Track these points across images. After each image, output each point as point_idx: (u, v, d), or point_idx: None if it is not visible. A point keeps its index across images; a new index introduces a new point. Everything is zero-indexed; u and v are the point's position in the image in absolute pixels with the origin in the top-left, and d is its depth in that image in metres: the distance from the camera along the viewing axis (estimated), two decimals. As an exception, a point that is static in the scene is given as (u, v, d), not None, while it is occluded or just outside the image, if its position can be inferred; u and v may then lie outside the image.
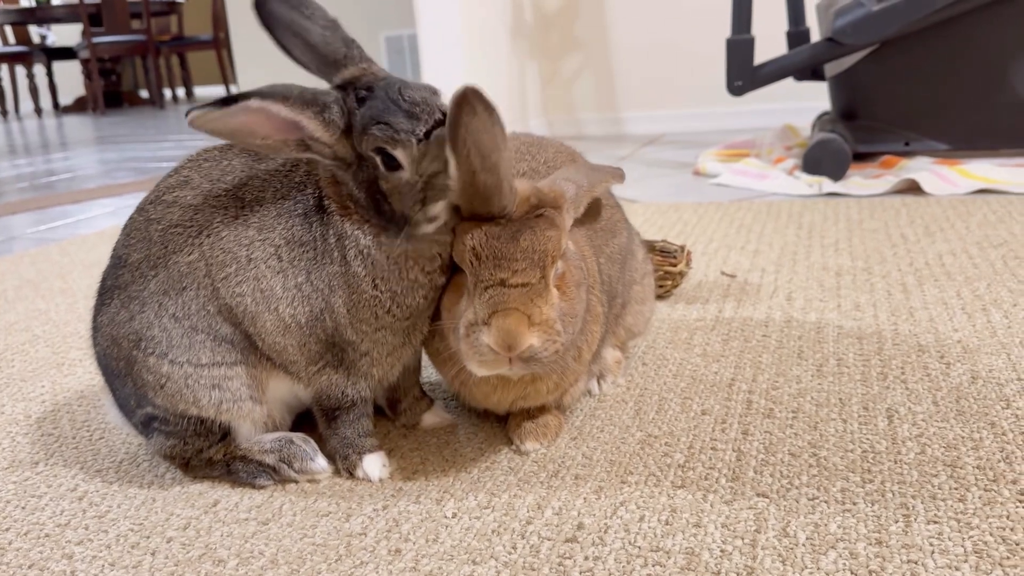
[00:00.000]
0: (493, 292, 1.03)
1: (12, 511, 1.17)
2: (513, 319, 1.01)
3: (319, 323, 1.15)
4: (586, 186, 1.21)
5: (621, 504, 1.09)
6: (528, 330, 1.02)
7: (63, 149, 6.35)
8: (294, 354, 1.17)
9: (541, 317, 1.04)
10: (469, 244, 1.05)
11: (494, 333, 1.02)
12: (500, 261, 1.04)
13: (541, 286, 1.04)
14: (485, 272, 1.04)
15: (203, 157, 1.23)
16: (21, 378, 1.66)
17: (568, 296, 1.10)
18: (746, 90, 3.30)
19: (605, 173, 1.27)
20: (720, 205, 2.80)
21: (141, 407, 1.20)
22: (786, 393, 1.37)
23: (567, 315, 1.08)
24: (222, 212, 1.16)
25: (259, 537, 1.07)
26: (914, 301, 1.75)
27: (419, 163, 1.05)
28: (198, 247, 1.15)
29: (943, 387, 1.35)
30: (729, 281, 1.97)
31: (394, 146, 1.04)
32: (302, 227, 1.14)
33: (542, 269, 1.04)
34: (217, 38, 10.34)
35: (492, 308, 1.02)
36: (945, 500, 1.05)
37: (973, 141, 3.06)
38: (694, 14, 4.63)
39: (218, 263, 1.14)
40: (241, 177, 1.18)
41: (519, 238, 1.04)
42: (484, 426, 1.34)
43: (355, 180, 1.10)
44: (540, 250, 1.04)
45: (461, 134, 0.97)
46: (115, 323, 1.18)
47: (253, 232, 1.14)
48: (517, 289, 1.03)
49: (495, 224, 1.06)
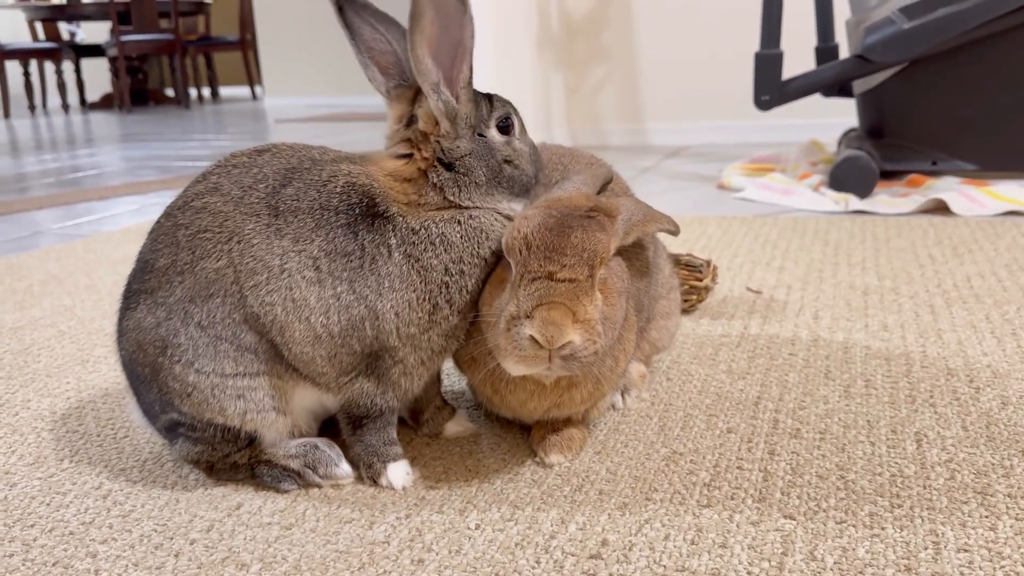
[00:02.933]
0: (539, 285, 1.04)
1: (37, 507, 1.18)
2: (558, 312, 1.01)
3: (356, 332, 1.14)
4: (640, 220, 1.21)
5: (646, 521, 1.08)
6: (572, 326, 1.02)
7: (89, 145, 6.41)
8: (323, 365, 1.16)
9: (585, 315, 1.04)
10: (522, 232, 1.07)
11: (538, 325, 1.01)
12: (551, 253, 1.05)
13: (587, 284, 1.05)
14: (534, 262, 1.05)
15: (232, 163, 1.22)
16: (47, 374, 1.67)
17: (610, 302, 1.10)
18: (773, 105, 3.28)
19: (661, 218, 1.27)
20: (744, 219, 2.79)
21: (166, 412, 1.20)
22: (813, 413, 1.36)
23: (608, 320, 1.09)
24: (254, 220, 1.16)
25: (282, 542, 1.07)
26: (942, 323, 1.73)
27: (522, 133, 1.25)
28: (227, 253, 1.14)
29: (973, 412, 1.34)
30: (755, 297, 1.96)
31: (514, 113, 1.23)
32: (345, 237, 1.14)
33: (590, 268, 1.05)
34: (244, 39, 10.42)
35: (537, 301, 1.02)
36: (976, 528, 1.03)
37: (1002, 162, 3.03)
38: (720, 27, 4.62)
39: (248, 270, 1.13)
40: (274, 185, 1.18)
41: (570, 234, 1.06)
42: (507, 436, 1.33)
43: (471, 156, 1.19)
44: (590, 249, 1.05)
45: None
46: (141, 328, 1.17)
47: (287, 243, 1.14)
48: (564, 284, 1.03)
49: (550, 216, 1.07)
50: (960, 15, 2.83)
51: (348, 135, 6.39)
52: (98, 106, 10.68)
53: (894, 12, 2.93)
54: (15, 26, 10.90)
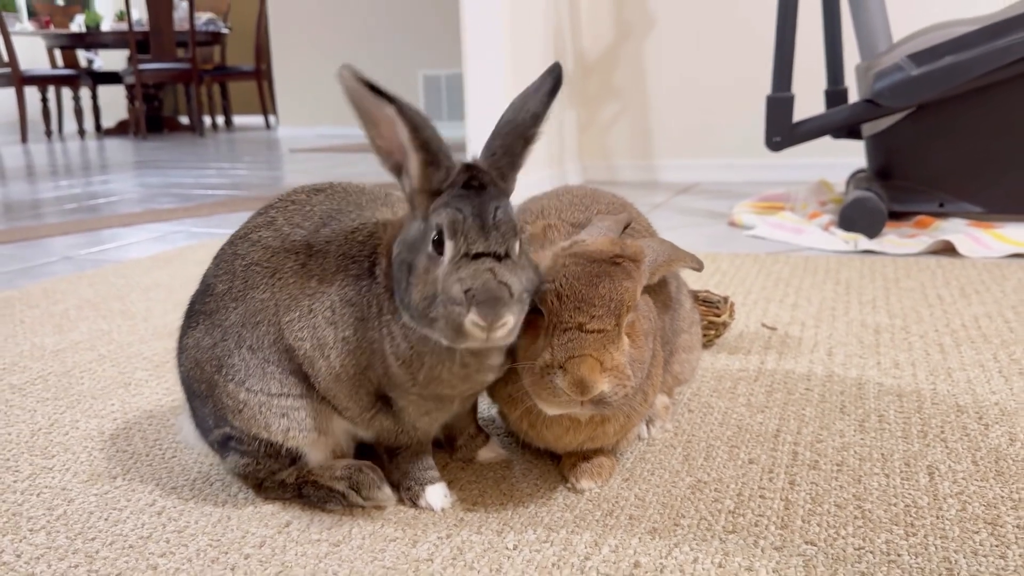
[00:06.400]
0: (570, 336, 1.11)
1: (96, 522, 1.24)
2: (587, 366, 1.09)
3: (365, 376, 1.20)
4: (664, 259, 1.29)
5: (675, 545, 1.14)
6: (600, 376, 1.09)
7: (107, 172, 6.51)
8: (346, 401, 1.23)
9: (612, 363, 1.11)
10: (553, 285, 1.13)
11: (569, 378, 1.09)
12: (580, 304, 1.12)
13: (615, 333, 1.12)
14: (565, 314, 1.12)
15: (291, 199, 1.31)
16: (91, 395, 1.74)
17: (637, 344, 1.17)
18: (784, 146, 3.38)
19: (686, 256, 1.34)
20: (757, 257, 2.86)
21: (219, 427, 1.27)
22: (830, 446, 1.42)
23: (636, 361, 1.16)
24: (293, 258, 1.24)
25: (332, 558, 1.13)
26: (951, 362, 1.80)
27: (461, 266, 1.03)
28: (270, 288, 1.23)
29: (982, 447, 1.40)
30: (770, 333, 2.03)
31: (452, 234, 1.04)
32: (354, 288, 1.19)
33: (617, 317, 1.12)
34: (259, 69, 10.60)
35: (569, 353, 1.10)
36: (987, 556, 1.10)
37: (1007, 205, 3.12)
38: (732, 67, 4.74)
39: (284, 306, 1.22)
40: (317, 224, 1.26)
41: (599, 284, 1.13)
42: (538, 463, 1.40)
43: (405, 239, 1.11)
44: (617, 299, 1.12)
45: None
46: (200, 348, 1.26)
47: (315, 283, 1.21)
48: (593, 335, 1.11)
49: (576, 264, 1.14)
50: (966, 63, 2.93)
51: (358, 166, 6.51)
52: (113, 132, 10.84)
53: (903, 59, 3.02)
54: (34, 53, 11.09)
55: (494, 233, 1.04)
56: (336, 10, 9.58)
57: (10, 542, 1.19)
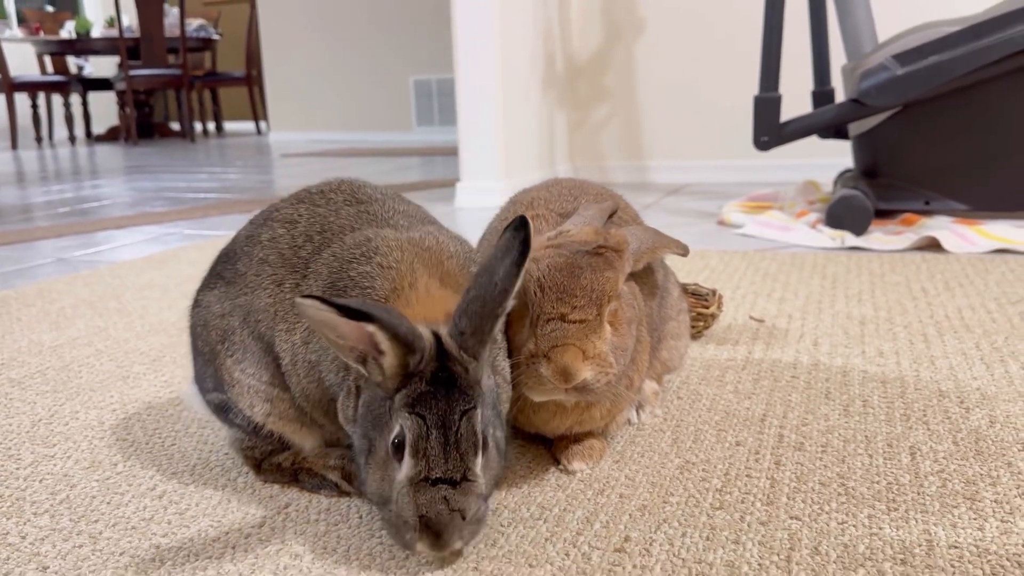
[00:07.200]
0: (553, 327, 1.16)
1: (99, 505, 1.27)
2: (570, 355, 1.13)
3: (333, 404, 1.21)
4: (648, 246, 1.32)
5: (664, 521, 1.18)
6: (583, 364, 1.14)
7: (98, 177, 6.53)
8: (321, 418, 1.27)
9: (594, 351, 1.15)
10: (535, 275, 1.17)
11: (553, 367, 1.14)
12: (562, 295, 1.16)
13: (596, 322, 1.16)
14: (548, 305, 1.16)
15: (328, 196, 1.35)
16: (90, 388, 1.76)
17: (620, 332, 1.21)
18: (772, 146, 3.42)
19: (671, 242, 1.38)
20: (745, 254, 2.91)
21: (217, 391, 1.31)
22: (815, 429, 1.46)
23: (618, 348, 1.20)
24: (292, 274, 1.26)
25: (331, 535, 1.16)
26: (935, 350, 1.84)
27: (419, 490, 1.02)
28: (274, 295, 1.27)
29: (963, 429, 1.44)
30: (757, 325, 2.07)
31: (414, 452, 1.01)
32: None
33: (598, 307, 1.16)
34: (250, 75, 10.62)
35: (552, 343, 1.15)
36: (965, 528, 1.13)
37: (991, 203, 3.16)
38: (721, 69, 4.79)
39: (281, 316, 1.26)
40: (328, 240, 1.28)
41: (580, 275, 1.17)
42: (530, 448, 1.43)
43: (366, 401, 1.10)
44: (598, 289, 1.17)
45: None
46: (211, 311, 1.32)
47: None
48: (575, 325, 1.15)
49: (559, 255, 1.18)
50: (950, 63, 2.98)
51: (349, 170, 6.53)
52: (104, 138, 10.84)
53: (888, 59, 3.07)
54: (24, 59, 11.10)
55: (454, 454, 1.01)
56: (327, 16, 9.61)
57: (15, 525, 1.22)
